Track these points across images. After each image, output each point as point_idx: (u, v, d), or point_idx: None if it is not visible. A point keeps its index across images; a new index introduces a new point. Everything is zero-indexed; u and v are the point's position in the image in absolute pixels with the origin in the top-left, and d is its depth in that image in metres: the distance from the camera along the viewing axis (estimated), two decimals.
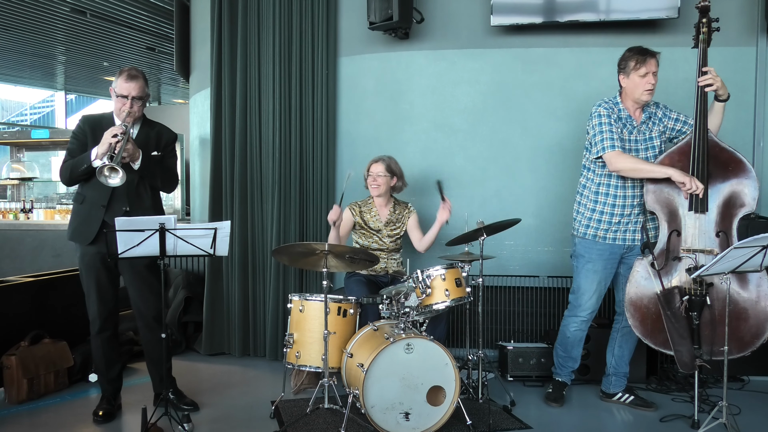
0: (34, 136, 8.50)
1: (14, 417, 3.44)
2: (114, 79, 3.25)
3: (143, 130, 3.34)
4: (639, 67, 3.28)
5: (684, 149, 3.29)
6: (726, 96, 3.34)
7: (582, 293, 3.49)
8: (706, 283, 3.17)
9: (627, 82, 3.35)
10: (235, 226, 4.49)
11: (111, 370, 3.39)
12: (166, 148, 3.41)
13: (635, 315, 3.31)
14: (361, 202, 4.02)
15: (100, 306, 3.28)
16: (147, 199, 3.32)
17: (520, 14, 4.19)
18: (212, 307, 4.63)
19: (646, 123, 3.43)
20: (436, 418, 3.05)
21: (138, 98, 3.21)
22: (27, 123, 18.14)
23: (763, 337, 3.13)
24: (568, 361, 3.61)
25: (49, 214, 7.14)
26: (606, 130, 3.32)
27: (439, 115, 4.45)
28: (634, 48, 3.35)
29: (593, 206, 3.44)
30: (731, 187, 3.25)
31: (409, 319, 3.25)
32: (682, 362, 3.16)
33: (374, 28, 4.24)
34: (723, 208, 3.26)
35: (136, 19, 8.75)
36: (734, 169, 3.26)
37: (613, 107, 3.39)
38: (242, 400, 3.68)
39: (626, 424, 3.31)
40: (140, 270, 3.29)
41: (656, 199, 3.30)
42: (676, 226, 3.28)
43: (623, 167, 3.29)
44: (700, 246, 3.23)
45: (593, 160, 3.41)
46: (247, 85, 4.56)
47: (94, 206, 3.23)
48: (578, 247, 3.51)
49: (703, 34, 3.31)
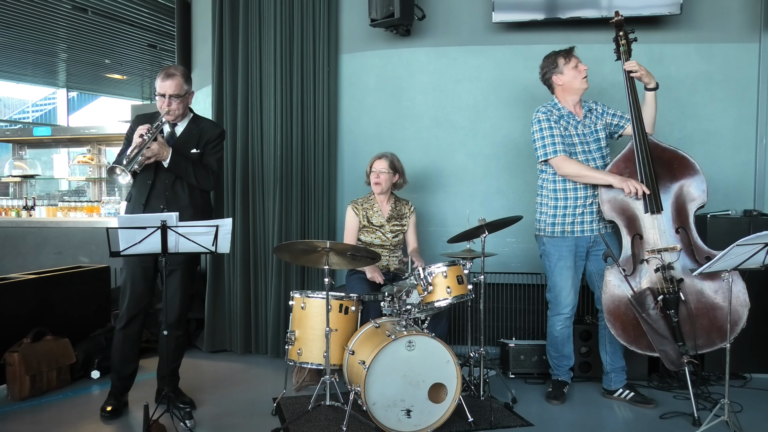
0: (36, 133, 8.50)
1: (17, 414, 3.45)
2: (156, 78, 3.29)
3: (188, 127, 3.37)
4: (568, 61, 3.48)
5: (628, 156, 3.44)
6: (654, 84, 3.48)
7: (559, 291, 3.53)
8: (677, 279, 3.26)
9: (564, 79, 3.49)
10: (237, 224, 4.49)
11: (125, 368, 3.38)
12: (208, 144, 3.40)
13: (615, 324, 3.37)
14: (362, 200, 4.02)
15: (130, 303, 3.30)
16: (184, 197, 3.32)
17: (522, 11, 4.19)
18: (214, 304, 4.64)
19: (588, 116, 3.56)
20: (437, 415, 3.05)
21: (176, 96, 3.23)
22: (29, 120, 18.15)
23: (742, 322, 3.18)
24: (562, 360, 3.62)
25: (51, 212, 7.13)
26: (547, 135, 3.45)
27: (441, 112, 4.44)
28: (551, 52, 3.53)
29: (554, 203, 3.51)
30: (679, 183, 3.40)
31: (411, 316, 3.25)
32: (669, 361, 3.22)
33: (375, 24, 4.23)
34: (676, 205, 3.38)
35: (138, 17, 8.75)
36: (678, 166, 3.40)
37: (551, 110, 3.51)
38: (244, 397, 3.68)
39: (627, 422, 3.31)
40: (176, 269, 3.30)
41: (612, 208, 3.41)
42: (637, 230, 3.38)
43: (569, 172, 3.43)
44: (663, 245, 3.33)
45: (542, 162, 3.51)
46: (249, 82, 4.56)
47: (136, 204, 3.30)
48: (547, 246, 3.55)
49: (623, 46, 3.49)
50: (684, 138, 4.15)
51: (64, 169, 8.80)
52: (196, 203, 3.38)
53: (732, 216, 3.97)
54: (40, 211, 7.22)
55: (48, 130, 8.56)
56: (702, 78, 4.25)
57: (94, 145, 8.06)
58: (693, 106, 4.26)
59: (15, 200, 7.81)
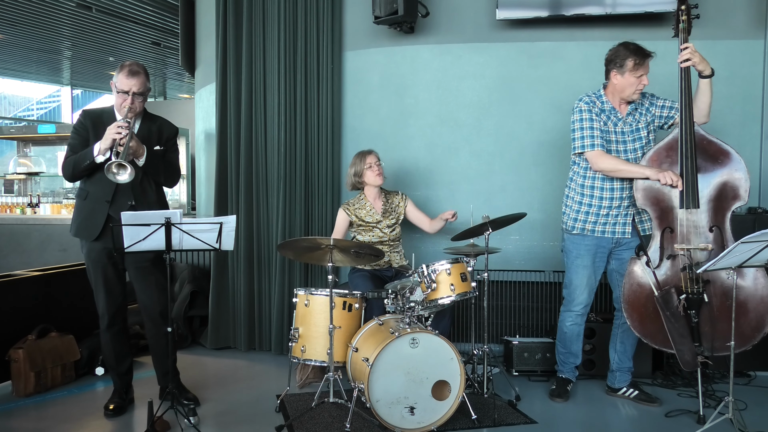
0: (41, 131, 8.54)
1: (21, 410, 3.46)
2: (115, 74, 3.23)
3: (144, 124, 3.33)
4: (637, 68, 3.25)
5: (671, 144, 3.24)
6: (709, 71, 3.22)
7: (574, 288, 3.49)
8: (703, 280, 3.13)
9: (620, 80, 3.30)
10: (241, 221, 4.49)
11: (121, 364, 3.40)
12: (168, 142, 3.39)
13: (633, 315, 3.27)
14: (353, 201, 4.01)
15: (108, 301, 3.29)
16: (152, 193, 3.32)
17: (526, 8, 4.18)
18: (218, 302, 4.65)
19: (632, 114, 3.40)
20: (441, 413, 3.05)
21: (139, 94, 3.19)
22: (33, 118, 18.19)
23: (764, 329, 3.10)
24: (569, 357, 3.61)
25: (56, 209, 7.17)
26: (587, 127, 3.32)
27: (444, 110, 4.44)
28: (631, 45, 3.28)
29: (580, 199, 3.44)
30: (722, 179, 3.20)
31: (415, 313, 3.26)
32: (684, 361, 3.14)
33: (379, 22, 4.23)
34: (715, 202, 3.20)
35: (142, 14, 8.77)
36: (723, 161, 3.20)
37: (595, 101, 3.37)
38: (248, 394, 3.69)
39: (631, 420, 3.31)
40: (145, 266, 3.28)
41: (646, 197, 3.26)
42: (669, 223, 3.23)
43: (604, 167, 3.30)
44: (695, 242, 3.17)
45: (577, 154, 3.41)
46: (253, 79, 4.56)
47: (98, 201, 3.22)
48: (567, 243, 3.52)
49: (683, 23, 3.22)
50: None
51: None
52: (161, 200, 3.40)
53: (736, 213, 3.94)
54: (44, 208, 7.26)
55: (52, 127, 8.60)
56: None
57: None
58: None
59: (20, 197, 7.85)
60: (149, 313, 3.36)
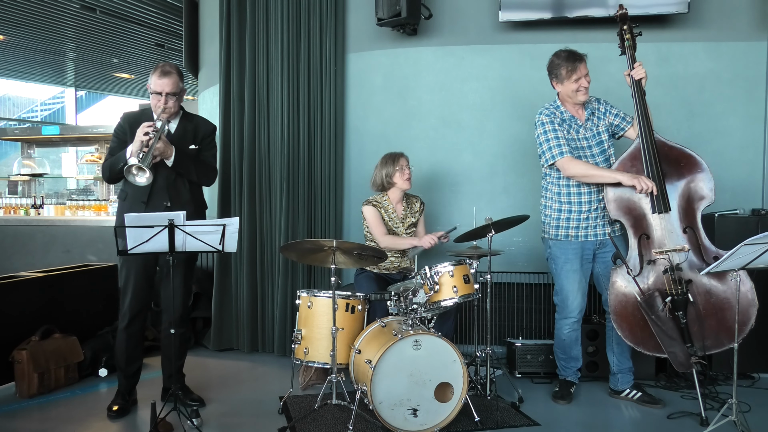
0: (45, 132, 8.57)
1: (25, 411, 3.47)
2: (149, 76, 3.27)
3: (181, 124, 3.37)
4: (571, 74, 3.39)
5: (635, 154, 3.37)
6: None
7: (567, 295, 3.49)
8: (685, 281, 3.21)
9: (562, 88, 3.45)
10: (244, 223, 4.50)
11: (130, 366, 3.40)
12: (204, 140, 3.42)
13: (622, 325, 3.32)
14: (378, 199, 3.93)
15: (132, 301, 3.31)
16: (186, 193, 3.35)
17: (529, 10, 4.18)
18: (221, 303, 4.65)
19: (591, 119, 3.51)
20: (444, 415, 3.05)
21: (172, 94, 3.23)
22: (37, 119, 18.23)
23: (750, 322, 3.15)
24: (569, 361, 3.61)
25: (60, 210, 7.18)
26: (552, 137, 3.40)
27: (447, 112, 4.44)
28: (562, 53, 3.43)
29: (558, 207, 3.49)
30: (687, 182, 3.34)
31: (417, 315, 3.25)
32: (677, 363, 3.19)
33: (382, 24, 4.23)
34: (684, 204, 3.33)
35: (146, 16, 8.78)
36: (686, 164, 3.34)
37: (554, 111, 3.47)
38: (250, 395, 3.70)
39: (634, 421, 3.30)
40: (179, 266, 3.27)
41: (618, 207, 3.35)
42: (644, 230, 3.33)
43: (576, 173, 3.38)
44: (671, 245, 3.28)
45: (548, 165, 3.46)
46: (256, 81, 4.57)
47: (135, 202, 3.28)
48: (553, 249, 3.53)
49: (628, 41, 3.42)
50: (691, 137, 4.13)
51: (72, 168, 8.86)
52: (196, 199, 3.43)
53: (740, 215, 3.95)
54: (48, 209, 7.26)
55: (56, 129, 8.62)
56: (710, 77, 4.23)
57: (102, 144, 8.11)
58: (701, 104, 4.24)
59: (23, 199, 7.86)
60: (170, 314, 3.34)
